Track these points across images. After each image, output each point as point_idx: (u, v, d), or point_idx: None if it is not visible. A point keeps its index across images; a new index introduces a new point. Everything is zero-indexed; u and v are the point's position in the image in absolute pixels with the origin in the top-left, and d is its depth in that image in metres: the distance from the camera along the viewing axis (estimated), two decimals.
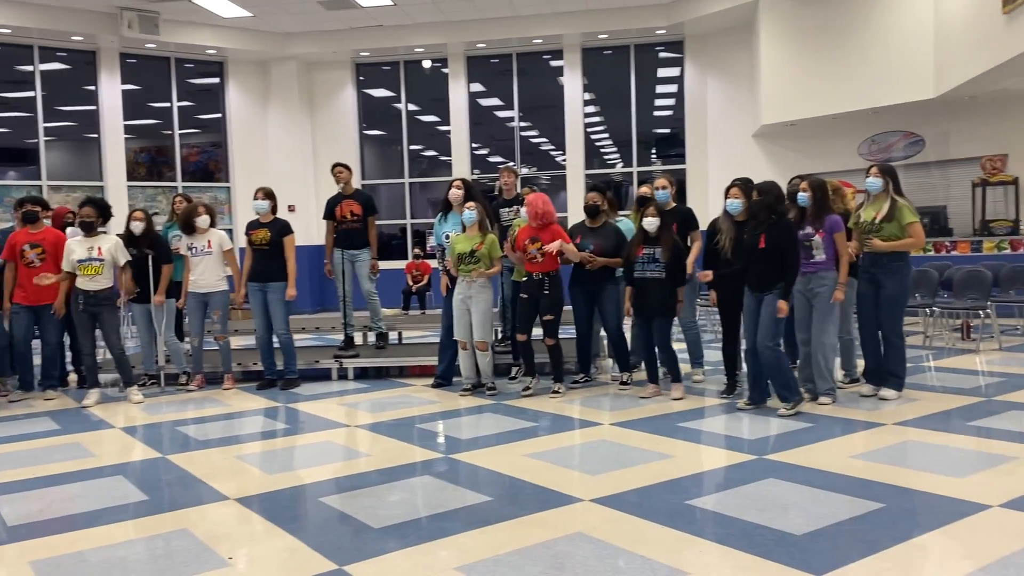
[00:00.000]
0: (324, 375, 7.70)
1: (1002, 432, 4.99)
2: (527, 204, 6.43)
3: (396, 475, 4.46)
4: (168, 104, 14.22)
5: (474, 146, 14.97)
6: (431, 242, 15.01)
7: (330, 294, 13.56)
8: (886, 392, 5.96)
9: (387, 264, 11.17)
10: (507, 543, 3.38)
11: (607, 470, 4.44)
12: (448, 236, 6.93)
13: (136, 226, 7.10)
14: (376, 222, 7.91)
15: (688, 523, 3.57)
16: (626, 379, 6.72)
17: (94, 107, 13.47)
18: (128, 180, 13.74)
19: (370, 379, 7.69)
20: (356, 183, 8.03)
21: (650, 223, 6.11)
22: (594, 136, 14.92)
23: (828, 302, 5.73)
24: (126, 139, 13.73)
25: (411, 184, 15.25)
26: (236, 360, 7.59)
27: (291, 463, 4.91)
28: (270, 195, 7.27)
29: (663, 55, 14.42)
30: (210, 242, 7.10)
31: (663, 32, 13.74)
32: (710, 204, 12.57)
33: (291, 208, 14.00)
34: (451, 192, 6.97)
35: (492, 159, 15.28)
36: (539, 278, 6.41)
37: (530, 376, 6.67)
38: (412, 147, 15.26)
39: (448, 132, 14.90)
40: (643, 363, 6.56)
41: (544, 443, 5.12)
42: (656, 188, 6.76)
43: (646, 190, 7.10)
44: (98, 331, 6.77)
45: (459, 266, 6.48)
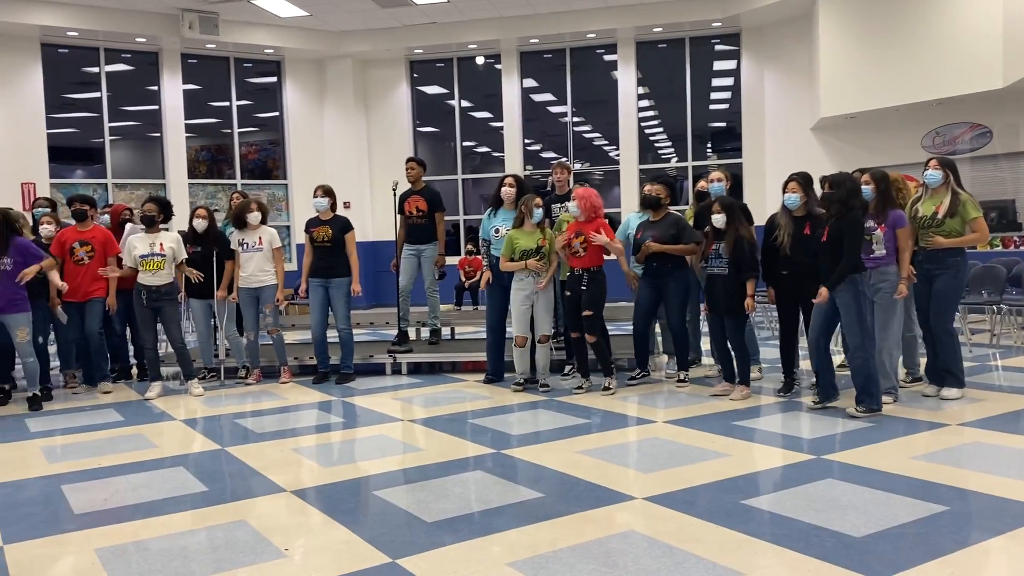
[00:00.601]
0: (378, 370, 7.78)
1: None
2: (579, 198, 6.38)
3: (449, 470, 4.49)
4: (227, 103, 14.52)
5: (526, 142, 14.96)
6: (481, 237, 15.07)
7: (384, 289, 13.71)
8: (948, 391, 5.79)
9: None
10: (560, 540, 3.37)
11: (661, 468, 4.40)
12: (498, 231, 6.93)
13: (199, 223, 7.26)
14: (443, 218, 7.95)
15: (743, 523, 3.51)
16: (683, 377, 6.64)
17: (157, 107, 13.82)
18: (189, 178, 14.07)
19: (423, 374, 7.75)
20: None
21: (717, 219, 6.02)
22: (648, 130, 14.78)
23: (890, 298, 5.58)
24: (187, 138, 14.07)
25: (464, 180, 15.31)
26: (293, 354, 7.71)
27: (346, 456, 4.97)
28: (330, 192, 7.36)
29: (719, 48, 14.20)
30: (261, 239, 7.22)
31: (719, 24, 13.53)
32: (767, 199, 12.35)
33: (346, 205, 14.16)
34: (503, 189, 6.97)
35: (545, 155, 15.25)
36: (579, 273, 6.38)
37: (583, 376, 6.63)
38: (465, 143, 15.32)
39: (501, 128, 14.92)
40: (714, 360, 6.48)
41: (597, 440, 5.09)
42: (711, 181, 6.67)
43: (703, 185, 7.01)
44: (160, 325, 6.95)
45: (523, 261, 6.44)
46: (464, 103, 15.22)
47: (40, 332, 6.80)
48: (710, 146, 14.74)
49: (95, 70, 13.34)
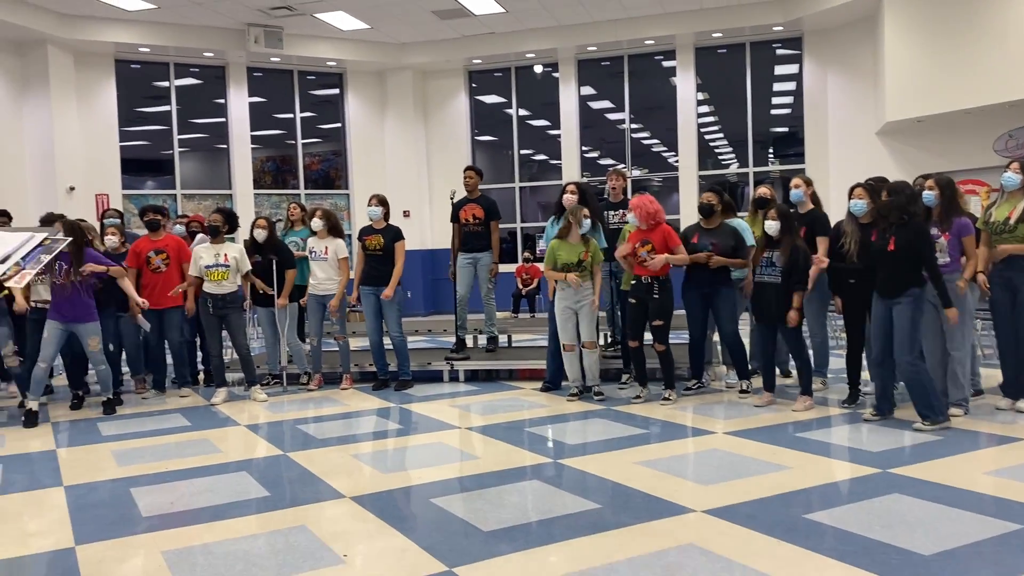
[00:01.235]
0: (436, 377, 7.84)
1: None
2: (634, 208, 6.32)
3: (506, 478, 4.49)
4: (291, 115, 14.84)
5: (584, 149, 14.94)
6: (541, 245, 15.13)
7: (443, 297, 13.84)
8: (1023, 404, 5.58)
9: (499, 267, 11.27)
10: (617, 551, 3.35)
11: (721, 480, 4.33)
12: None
13: (259, 233, 7.43)
14: (499, 226, 8.01)
15: (805, 538, 3.43)
16: (745, 387, 6.53)
17: (223, 119, 14.21)
18: (255, 188, 14.43)
19: (480, 381, 7.78)
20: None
21: (771, 226, 5.92)
22: (708, 136, 14.62)
23: (960, 307, 5.40)
24: (253, 149, 14.42)
25: (521, 188, 15.35)
26: (353, 361, 7.82)
27: (404, 463, 5.02)
28: (383, 202, 7.46)
29: (780, 52, 13.97)
30: (327, 248, 7.35)
31: (780, 29, 13.32)
32: (832, 205, 12.00)
33: (406, 214, 14.36)
34: (565, 196, 6.96)
35: (602, 161, 15.20)
36: (647, 282, 6.32)
37: (641, 385, 6.58)
38: (522, 151, 15.37)
39: (558, 136, 14.93)
40: (761, 369, 6.37)
41: (655, 451, 5.05)
42: (790, 187, 6.56)
43: (765, 191, 6.90)
44: (225, 332, 7.13)
45: (565, 272, 6.44)
46: (522, 111, 15.28)
47: (110, 340, 7.03)
48: (772, 151, 14.50)
49: (165, 84, 13.79)
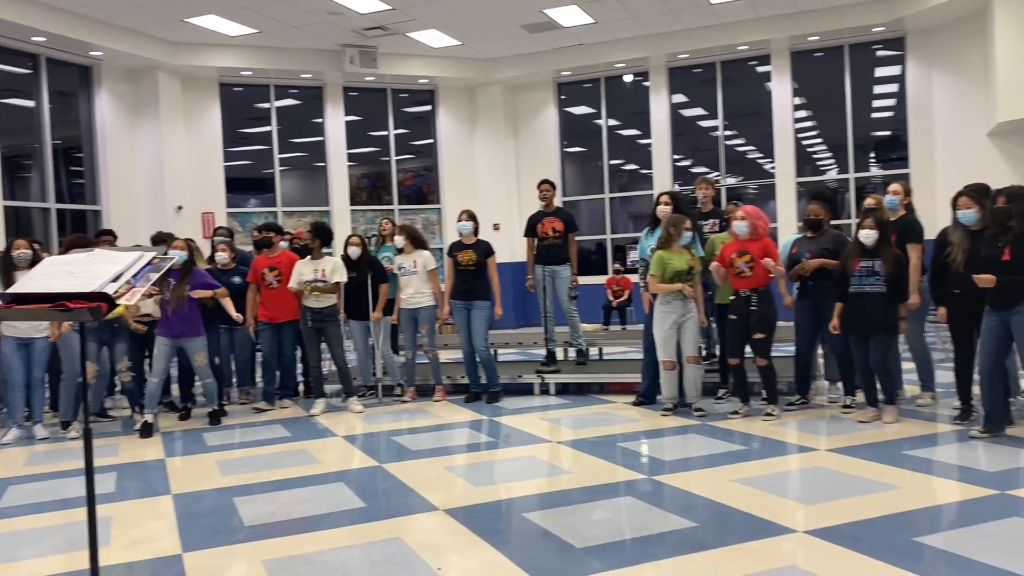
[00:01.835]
0: (527, 390, 7.83)
1: None
2: (749, 216, 6.14)
3: (599, 494, 4.44)
4: (385, 132, 15.19)
5: (675, 157, 14.73)
6: (632, 256, 14.97)
7: (532, 310, 13.83)
8: None
9: (588, 279, 11.26)
10: (715, 572, 3.25)
11: (824, 499, 4.16)
12: (654, 250, 6.80)
13: (353, 251, 7.60)
14: (576, 239, 7.98)
15: (916, 562, 3.25)
16: (850, 403, 6.27)
17: (321, 138, 14.66)
18: (351, 204, 14.81)
19: (571, 395, 7.73)
20: (557, 200, 8.16)
21: (867, 235, 5.69)
22: (805, 142, 14.19)
23: None
24: (349, 166, 14.82)
25: (611, 199, 15.25)
26: (445, 373, 7.90)
27: (496, 476, 5.03)
28: (473, 217, 7.53)
29: (881, 53, 13.45)
30: (416, 262, 7.46)
31: (881, 29, 12.83)
32: (938, 212, 11.49)
33: (496, 227, 14.45)
34: (659, 207, 6.85)
35: (695, 170, 14.95)
36: (746, 294, 6.14)
37: (742, 401, 6.39)
38: (612, 162, 15.27)
39: (649, 145, 14.77)
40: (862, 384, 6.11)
41: (754, 468, 4.89)
42: (887, 193, 6.31)
43: (871, 202, 6.61)
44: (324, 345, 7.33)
45: (676, 282, 6.32)
46: (611, 121, 15.19)
47: (215, 354, 7.32)
48: (874, 156, 13.96)
49: (266, 106, 14.33)
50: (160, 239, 7.80)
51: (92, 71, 12.53)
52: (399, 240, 7.54)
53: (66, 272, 2.74)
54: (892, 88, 13.46)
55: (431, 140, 15.51)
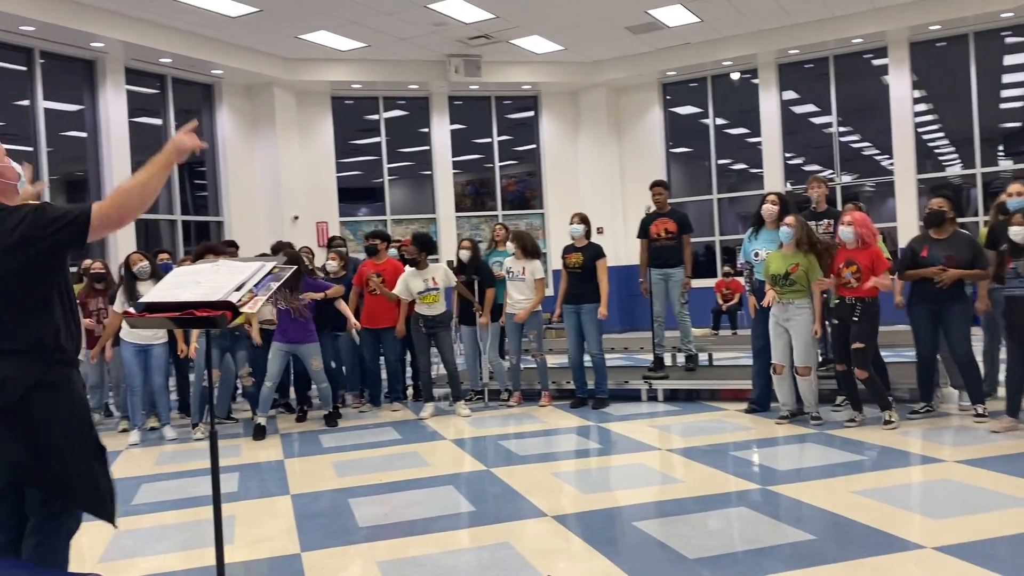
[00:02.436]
0: (634, 396, 7.74)
1: None
2: (858, 224, 5.89)
3: (711, 504, 4.34)
4: (489, 139, 15.37)
5: (787, 156, 14.29)
6: (741, 259, 14.55)
7: (638, 314, 13.68)
8: None
9: (696, 282, 11.01)
10: None
11: (953, 514, 3.93)
12: (757, 254, 6.63)
13: (464, 254, 7.71)
14: (691, 240, 7.85)
15: None
16: (981, 411, 5.92)
17: (427, 147, 14.97)
18: (456, 211, 15.05)
19: (680, 401, 7.59)
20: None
21: (1017, 232, 5.34)
22: (926, 136, 13.50)
23: None
24: (454, 174, 15.06)
25: (719, 200, 14.92)
26: (551, 378, 7.90)
27: (605, 483, 4.99)
28: (585, 220, 7.51)
29: (1010, 40, 12.66)
30: (524, 268, 7.50)
31: (1010, 15, 12.07)
32: None
33: (599, 230, 14.37)
34: (764, 207, 6.65)
35: (807, 168, 14.46)
36: (850, 303, 5.89)
37: (855, 408, 6.13)
38: (720, 161, 14.95)
39: (758, 144, 14.38)
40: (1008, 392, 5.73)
41: (875, 479, 4.67)
42: (1008, 195, 5.92)
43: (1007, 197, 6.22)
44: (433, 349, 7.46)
45: (774, 287, 6.16)
46: (719, 120, 14.88)
47: (330, 358, 7.57)
48: (1002, 149, 13.14)
49: (375, 117, 14.74)
50: (279, 248, 8.14)
51: (213, 89, 13.21)
52: (510, 246, 7.59)
53: (193, 282, 2.89)
54: (1022, 77, 12.64)
55: (534, 145, 15.59)
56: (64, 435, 2.51)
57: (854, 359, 5.89)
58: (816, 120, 14.32)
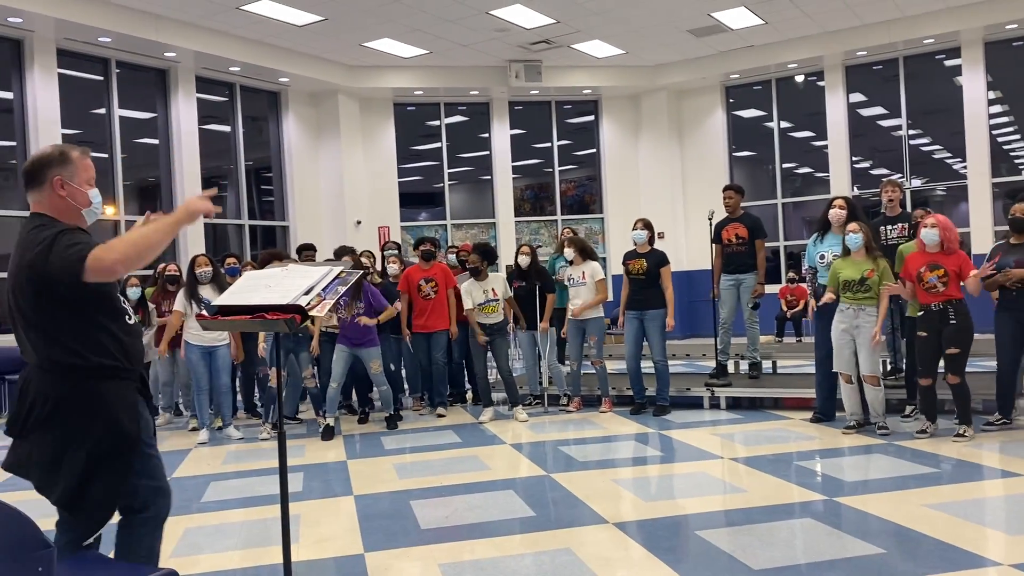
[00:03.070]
0: (695, 403, 7.65)
1: None
2: (941, 225, 5.72)
3: (775, 514, 4.26)
4: (549, 144, 15.37)
5: (854, 159, 13.96)
6: (805, 263, 14.25)
7: (699, 320, 13.52)
8: None
9: None
10: None
11: None
12: (823, 256, 6.49)
13: (523, 259, 7.74)
14: (764, 245, 7.71)
15: None
16: None
17: (487, 152, 15.05)
18: (515, 216, 15.08)
19: (743, 409, 7.47)
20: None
21: None
22: (1001, 139, 13.03)
23: None
24: (513, 179, 15.11)
25: (783, 204, 14.65)
26: (611, 384, 7.86)
27: (666, 491, 4.94)
28: (648, 226, 7.45)
29: None
30: (584, 273, 7.48)
31: None
32: None
33: (660, 235, 14.23)
34: (832, 211, 6.51)
35: (874, 172, 14.10)
36: (940, 308, 5.71)
37: (929, 420, 5.94)
38: (784, 165, 14.68)
39: (824, 147, 14.08)
40: None
41: (947, 492, 4.53)
42: None
43: None
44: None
45: (844, 293, 6.01)
46: (783, 124, 14.62)
47: (391, 361, 7.66)
48: None
49: (436, 123, 14.88)
50: (343, 253, 8.28)
51: (280, 96, 13.50)
52: (568, 252, 7.58)
53: (264, 286, 2.96)
54: None
55: (594, 150, 15.54)
56: (81, 456, 2.54)
57: (948, 364, 5.70)
58: (884, 123, 13.96)
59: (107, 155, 11.11)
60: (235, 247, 12.76)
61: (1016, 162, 13.17)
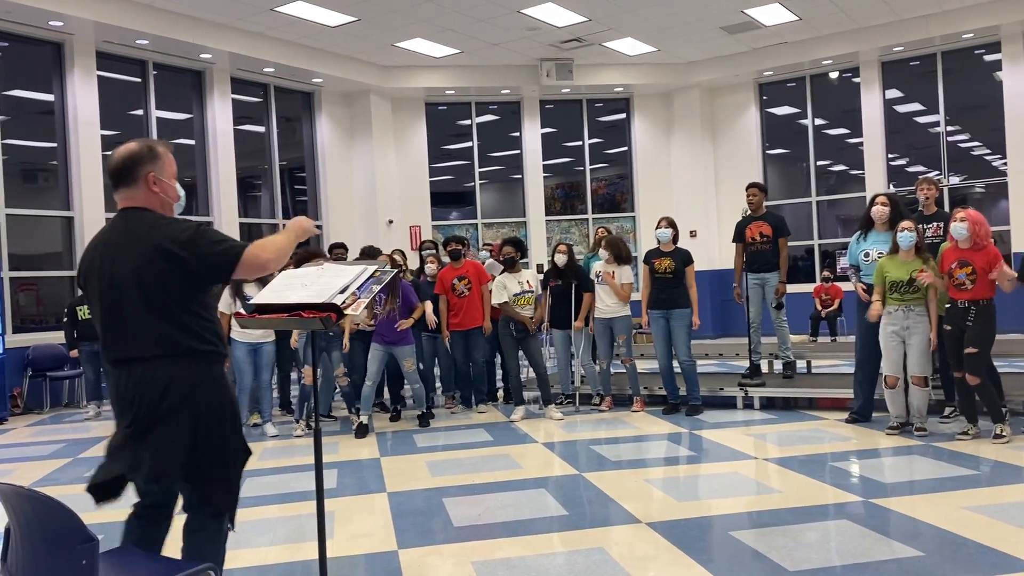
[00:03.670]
0: (728, 403, 7.59)
1: None
2: (974, 222, 5.63)
3: (811, 515, 4.21)
4: (580, 142, 15.34)
5: (890, 156, 13.75)
6: (842, 263, 14.09)
7: (732, 319, 13.41)
8: None
9: (794, 287, 10.72)
10: None
11: None
12: (867, 254, 6.39)
13: (560, 258, 7.73)
14: (787, 244, 7.65)
15: None
16: None
17: (518, 151, 15.05)
18: (546, 215, 15.07)
19: (777, 409, 7.40)
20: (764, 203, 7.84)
21: None
22: None
23: None
24: (544, 177, 15.10)
25: (818, 202, 14.48)
26: (642, 383, 7.82)
27: (698, 491, 4.91)
28: (672, 224, 7.42)
29: None
30: (612, 273, 7.45)
31: None
32: None
33: (692, 234, 14.16)
34: (875, 208, 6.40)
35: (910, 169, 13.88)
36: (964, 306, 5.62)
37: (969, 420, 5.84)
38: (819, 163, 14.51)
39: (859, 144, 13.89)
40: None
41: (989, 495, 4.45)
42: None
43: None
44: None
45: (891, 294, 5.92)
46: (817, 121, 14.45)
47: (422, 360, 7.70)
48: None
49: (467, 122, 14.92)
50: (370, 253, 8.34)
51: (313, 97, 13.63)
52: (604, 253, 7.56)
53: (300, 284, 2.99)
54: None
55: (625, 148, 15.48)
56: (217, 434, 2.59)
57: (967, 364, 5.63)
58: (921, 119, 13.74)
59: None
60: None
61: None
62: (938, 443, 5.71)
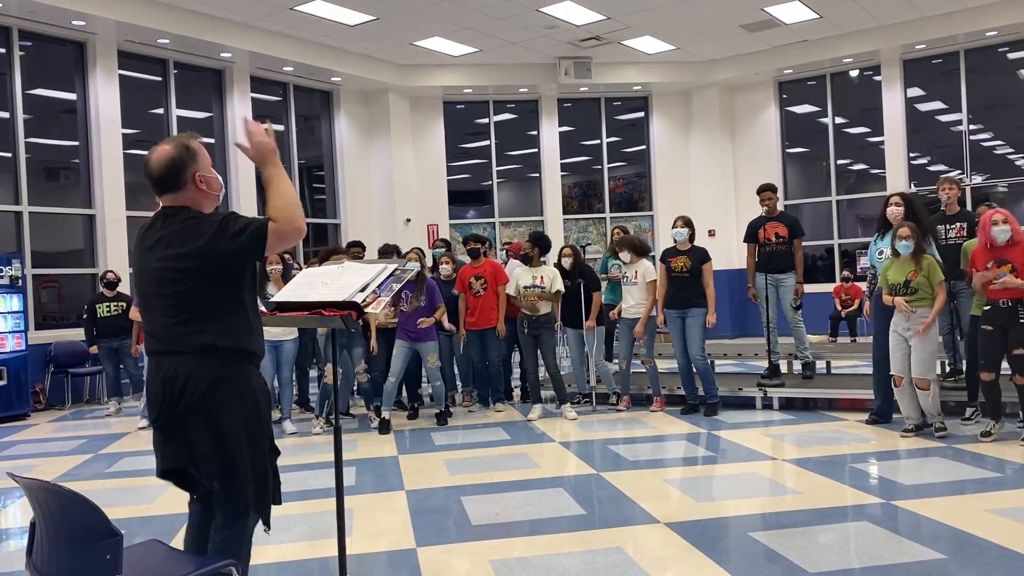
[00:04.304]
0: (747, 403, 7.55)
1: None
2: (1011, 221, 5.58)
3: (829, 517, 4.19)
4: (598, 141, 15.30)
5: (911, 155, 13.63)
6: (861, 263, 13.98)
7: (751, 319, 13.34)
8: None
9: (814, 287, 10.69)
10: None
11: None
12: (882, 253, 6.35)
13: (565, 261, 7.73)
14: (802, 244, 7.61)
15: None
16: None
17: (536, 150, 15.04)
18: (563, 214, 15.05)
19: (796, 410, 7.36)
20: (779, 204, 7.82)
21: None
22: None
23: None
24: (562, 176, 15.08)
25: (838, 202, 14.37)
26: (662, 383, 7.80)
27: (717, 492, 4.89)
28: (689, 223, 7.39)
29: None
30: (636, 272, 7.44)
31: None
32: None
33: (711, 233, 14.10)
34: (888, 209, 6.36)
35: (932, 168, 13.75)
36: (1008, 305, 5.55)
37: (994, 420, 5.78)
38: (839, 162, 14.40)
39: (880, 143, 13.78)
40: None
41: (1012, 498, 4.40)
42: None
43: None
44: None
45: (894, 296, 5.88)
46: (838, 119, 14.34)
47: (441, 357, 7.71)
48: None
49: (485, 121, 14.93)
50: (387, 251, 8.38)
51: (332, 95, 13.68)
52: (625, 255, 7.53)
53: (321, 282, 3.01)
54: None
55: (643, 147, 15.43)
56: (238, 433, 2.57)
57: (1014, 365, 5.55)
58: (943, 118, 13.61)
59: None
60: None
61: None
62: (959, 445, 5.65)
